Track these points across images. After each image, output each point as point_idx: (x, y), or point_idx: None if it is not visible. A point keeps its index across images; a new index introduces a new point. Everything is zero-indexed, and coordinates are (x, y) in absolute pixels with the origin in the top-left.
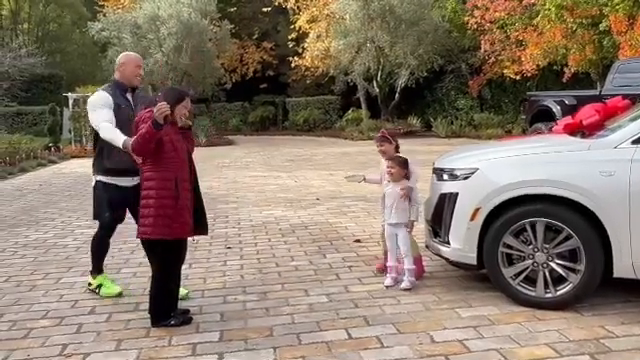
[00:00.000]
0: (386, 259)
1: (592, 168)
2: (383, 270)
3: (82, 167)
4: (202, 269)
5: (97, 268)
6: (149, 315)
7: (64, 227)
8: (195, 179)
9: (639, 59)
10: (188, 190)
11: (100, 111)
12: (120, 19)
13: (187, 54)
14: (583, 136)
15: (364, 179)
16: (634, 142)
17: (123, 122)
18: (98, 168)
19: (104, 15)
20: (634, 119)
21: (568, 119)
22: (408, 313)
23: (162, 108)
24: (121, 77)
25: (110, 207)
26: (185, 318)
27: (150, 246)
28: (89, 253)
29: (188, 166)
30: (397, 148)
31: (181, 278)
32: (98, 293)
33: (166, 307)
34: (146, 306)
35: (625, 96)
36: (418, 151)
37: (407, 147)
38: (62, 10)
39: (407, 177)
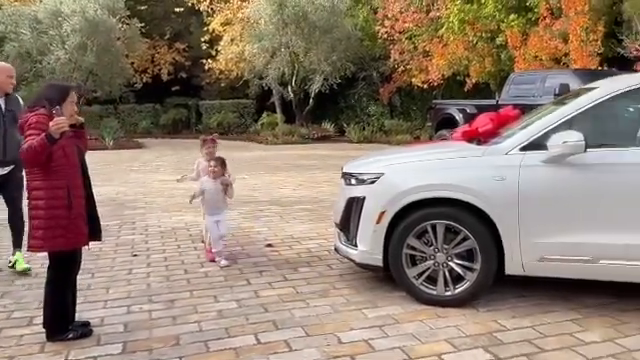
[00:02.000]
0: (211, 249)
1: (486, 173)
2: (214, 260)
3: None
4: (105, 278)
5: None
6: (44, 329)
7: None
8: (88, 183)
9: (532, 72)
10: (81, 197)
11: None
12: (17, 12)
13: (93, 52)
14: (479, 143)
15: (184, 177)
16: (522, 149)
17: None
18: None
19: (0, 7)
20: (523, 128)
21: (466, 127)
22: (317, 316)
23: (60, 123)
24: None
25: None
26: (85, 330)
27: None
28: None
29: (81, 170)
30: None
31: (81, 288)
32: (15, 268)
33: (63, 320)
34: (41, 320)
35: (516, 106)
36: (332, 156)
37: (321, 152)
38: None
39: (224, 174)
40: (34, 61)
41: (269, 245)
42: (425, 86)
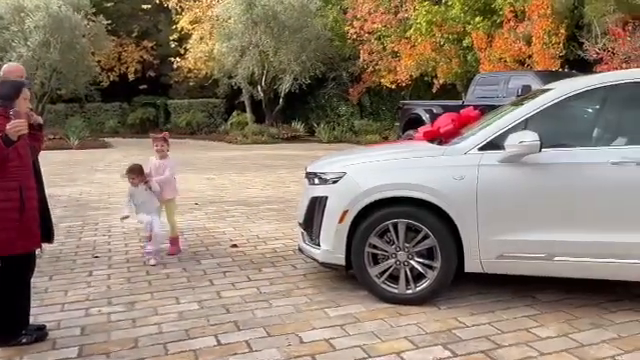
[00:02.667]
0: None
1: (446, 172)
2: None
3: None
4: (64, 280)
5: None
6: None
7: None
8: (41, 184)
9: (496, 73)
10: (35, 199)
11: None
12: None
13: (57, 50)
14: (440, 143)
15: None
16: (481, 149)
17: None
18: None
19: None
20: (482, 128)
21: (428, 127)
22: (279, 316)
23: (18, 126)
24: None
25: None
26: (39, 335)
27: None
28: None
29: (34, 171)
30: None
31: (38, 291)
32: None
33: (16, 324)
34: None
35: (478, 106)
36: (301, 156)
37: (290, 152)
38: None
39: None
40: None
41: (234, 245)
42: (394, 86)
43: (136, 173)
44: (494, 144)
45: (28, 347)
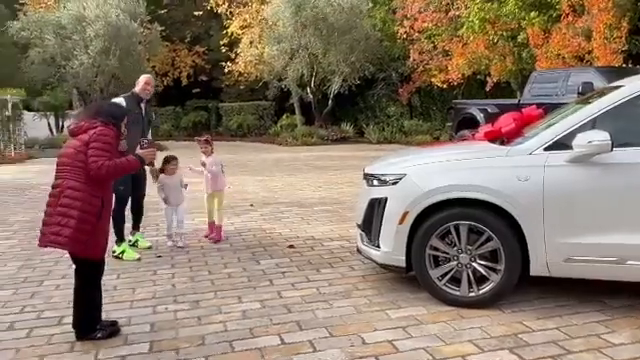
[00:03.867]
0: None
1: (510, 173)
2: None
3: (5, 174)
4: (131, 279)
5: (119, 237)
6: (73, 329)
7: None
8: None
9: (553, 71)
10: (109, 212)
11: None
12: (42, 19)
13: (115, 57)
14: (502, 143)
15: (192, 169)
16: (547, 149)
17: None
18: None
19: (24, 14)
20: (547, 127)
21: (488, 127)
22: (340, 316)
23: (152, 154)
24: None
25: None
26: (113, 330)
27: (75, 260)
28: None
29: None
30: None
31: (107, 289)
32: (122, 258)
33: (91, 320)
34: (70, 320)
35: (540, 105)
36: (351, 157)
37: (340, 153)
38: None
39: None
40: (58, 66)
41: (291, 246)
42: (445, 86)
43: (176, 160)
44: (561, 144)
45: (103, 342)
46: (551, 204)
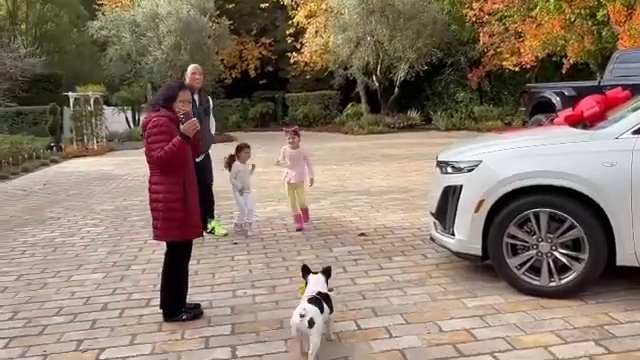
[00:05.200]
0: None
1: (594, 159)
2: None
3: (84, 166)
4: (210, 264)
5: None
6: (161, 310)
7: (70, 226)
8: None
9: (638, 49)
10: (195, 192)
11: None
12: (119, 17)
13: (186, 51)
14: (584, 127)
15: (279, 162)
16: (635, 132)
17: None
18: None
19: (103, 14)
20: (634, 110)
21: (569, 111)
22: (415, 304)
23: (194, 124)
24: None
25: None
26: (196, 312)
27: (169, 244)
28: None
29: (193, 165)
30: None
31: (189, 274)
32: (214, 233)
33: (177, 302)
34: (157, 302)
35: (624, 87)
36: (419, 144)
37: (407, 140)
38: (60, 10)
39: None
40: (134, 62)
41: (362, 234)
42: (517, 69)
43: (249, 148)
44: None
45: (187, 323)
46: None
